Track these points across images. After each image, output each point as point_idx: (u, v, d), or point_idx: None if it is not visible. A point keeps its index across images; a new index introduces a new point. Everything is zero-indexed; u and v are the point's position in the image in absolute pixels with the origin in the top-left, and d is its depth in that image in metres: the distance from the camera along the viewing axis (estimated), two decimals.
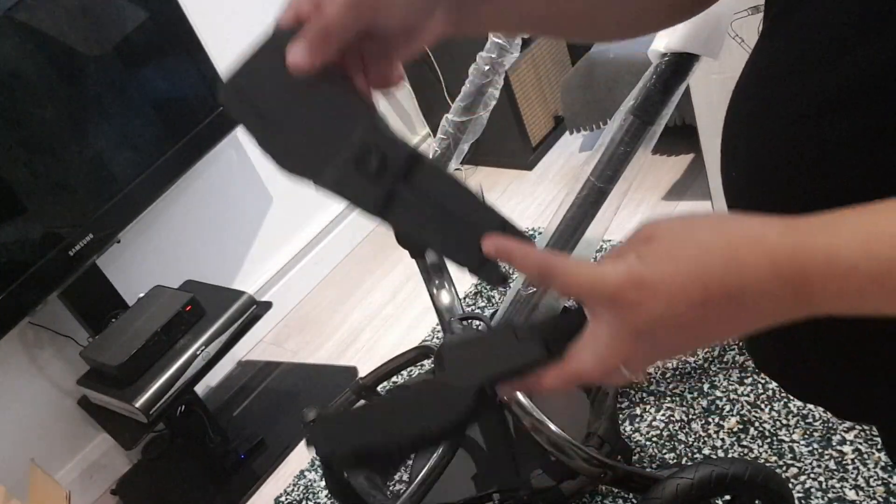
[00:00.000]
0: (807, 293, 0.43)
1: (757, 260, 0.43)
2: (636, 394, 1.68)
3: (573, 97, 2.27)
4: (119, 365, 1.75)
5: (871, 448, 1.39)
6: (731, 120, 0.57)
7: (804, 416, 1.49)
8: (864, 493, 1.33)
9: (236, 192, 2.34)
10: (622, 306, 0.46)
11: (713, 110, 1.77)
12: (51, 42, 1.75)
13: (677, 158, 2.31)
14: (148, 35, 1.90)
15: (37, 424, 1.99)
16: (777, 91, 0.52)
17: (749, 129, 0.55)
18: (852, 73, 0.46)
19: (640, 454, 1.56)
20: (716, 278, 0.44)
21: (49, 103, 1.76)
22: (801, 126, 0.50)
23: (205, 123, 1.99)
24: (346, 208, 2.59)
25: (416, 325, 2.20)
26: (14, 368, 1.94)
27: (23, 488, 1.77)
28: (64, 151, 1.78)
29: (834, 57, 0.47)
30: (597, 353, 0.49)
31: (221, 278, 2.30)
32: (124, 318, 1.89)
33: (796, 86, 0.50)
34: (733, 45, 1.55)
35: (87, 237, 1.79)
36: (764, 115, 0.53)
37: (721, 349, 1.68)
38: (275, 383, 2.23)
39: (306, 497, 1.83)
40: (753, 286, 0.43)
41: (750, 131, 0.55)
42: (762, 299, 0.44)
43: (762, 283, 0.43)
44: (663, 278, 0.45)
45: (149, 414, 1.73)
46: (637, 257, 0.46)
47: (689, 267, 0.45)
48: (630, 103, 1.23)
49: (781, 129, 0.51)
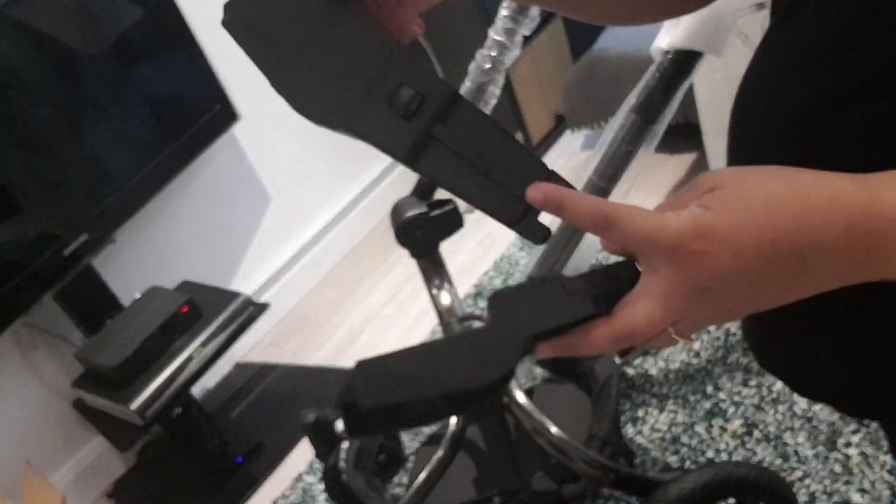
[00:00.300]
0: (879, 254, 0.41)
1: (831, 216, 0.41)
2: (638, 395, 1.67)
3: (574, 95, 2.26)
4: (114, 367, 1.73)
5: (877, 451, 1.37)
6: (737, 118, 0.56)
7: (809, 419, 1.47)
8: (870, 496, 1.32)
9: (233, 192, 2.33)
10: (685, 258, 0.43)
11: (716, 109, 1.76)
12: (46, 40, 1.74)
13: (680, 157, 2.29)
14: (144, 33, 1.89)
15: (31, 427, 1.97)
16: (782, 88, 0.51)
17: (754, 127, 0.54)
18: (858, 70, 0.46)
19: (643, 457, 1.55)
20: (786, 232, 0.41)
21: (44, 102, 1.75)
22: (807, 123, 0.49)
23: (201, 122, 1.98)
24: (345, 208, 2.59)
25: (416, 326, 2.19)
26: (8, 370, 1.93)
27: (17, 491, 1.76)
28: (59, 150, 1.77)
29: (839, 53, 0.47)
30: (649, 310, 0.45)
31: (218, 279, 2.28)
32: (120, 320, 1.88)
33: (802, 82, 0.49)
34: (737, 42, 1.54)
35: (82, 237, 1.78)
36: (769, 113, 0.52)
37: (724, 351, 1.67)
38: (273, 385, 2.22)
39: (304, 500, 1.81)
40: (825, 243, 0.41)
41: (755, 129, 0.54)
42: (831, 260, 0.41)
43: (835, 241, 0.41)
44: (733, 227, 0.42)
45: (144, 416, 1.72)
46: (701, 206, 0.43)
47: (759, 217, 0.42)
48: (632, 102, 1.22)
49: (787, 127, 0.51)
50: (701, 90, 1.75)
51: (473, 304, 2.15)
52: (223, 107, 2.02)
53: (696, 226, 0.42)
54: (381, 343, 2.19)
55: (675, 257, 0.43)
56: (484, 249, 2.34)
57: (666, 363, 1.70)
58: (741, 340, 1.67)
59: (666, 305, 0.45)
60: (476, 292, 2.18)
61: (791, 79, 0.50)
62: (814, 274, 0.42)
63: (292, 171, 2.47)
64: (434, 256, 1.51)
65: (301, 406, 1.84)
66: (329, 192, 2.59)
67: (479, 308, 2.13)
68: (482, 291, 2.18)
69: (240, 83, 2.07)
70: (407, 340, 2.15)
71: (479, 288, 2.19)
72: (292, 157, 2.45)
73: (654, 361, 1.72)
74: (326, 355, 2.25)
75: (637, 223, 0.44)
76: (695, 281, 0.43)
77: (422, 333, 2.14)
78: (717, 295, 0.44)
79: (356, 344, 2.23)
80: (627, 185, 1.34)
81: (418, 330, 2.17)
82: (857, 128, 0.46)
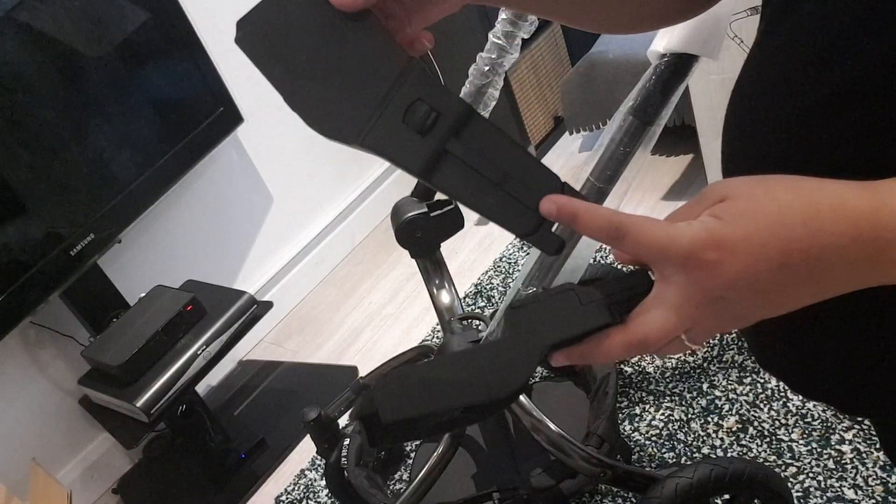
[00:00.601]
0: (884, 262, 0.42)
1: (839, 225, 0.42)
2: (635, 393, 1.69)
3: (573, 98, 2.28)
4: (120, 365, 1.75)
5: (870, 447, 1.39)
6: (731, 120, 0.57)
7: (803, 416, 1.49)
8: (863, 492, 1.34)
9: (237, 193, 2.35)
10: (697, 267, 0.43)
11: (712, 111, 1.78)
12: (52, 43, 1.75)
13: (676, 159, 2.32)
14: (149, 35, 1.90)
15: (38, 424, 1.99)
16: (776, 91, 0.51)
17: (749, 130, 0.55)
18: (850, 72, 0.46)
19: (640, 453, 1.56)
20: (796, 239, 0.42)
21: (50, 104, 1.76)
22: (801, 125, 0.50)
23: (206, 124, 2.00)
24: (346, 209, 2.61)
25: (416, 325, 2.21)
26: (15, 368, 1.94)
27: (24, 488, 1.77)
28: (65, 152, 1.78)
29: (831, 56, 0.47)
30: (663, 318, 0.46)
31: (222, 278, 2.30)
32: (125, 318, 1.89)
33: (795, 85, 0.50)
34: (732, 45, 1.56)
35: (88, 237, 1.80)
36: (763, 115, 0.53)
37: (720, 349, 1.69)
38: (275, 383, 2.23)
39: (307, 496, 1.83)
40: (833, 251, 0.42)
41: (750, 131, 0.54)
42: (839, 267, 0.42)
43: (842, 249, 0.42)
44: (745, 237, 0.43)
45: (150, 413, 1.73)
46: (712, 216, 0.44)
47: (769, 226, 0.42)
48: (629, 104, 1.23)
49: (781, 129, 0.51)
50: (697, 93, 1.77)
51: (473, 303, 2.17)
52: (227, 109, 2.04)
53: (709, 236, 0.43)
54: (382, 342, 2.21)
55: (688, 267, 0.44)
56: (483, 249, 2.36)
57: (662, 361, 1.72)
58: (736, 339, 1.69)
59: (679, 314, 0.46)
60: (476, 292, 2.20)
61: (783, 82, 0.51)
62: (822, 280, 0.43)
63: (295, 172, 2.48)
64: (434, 256, 1.52)
65: (303, 403, 1.86)
66: (331, 192, 2.60)
67: (478, 307, 2.15)
68: (482, 291, 2.20)
69: (244, 86, 2.09)
70: (407, 339, 2.17)
71: (479, 287, 2.21)
72: (295, 159, 2.47)
73: (651, 359, 1.74)
74: (328, 354, 2.26)
75: (650, 233, 0.45)
76: (708, 290, 0.44)
77: (422, 333, 2.16)
78: (728, 303, 0.44)
79: (357, 343, 2.25)
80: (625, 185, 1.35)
81: (419, 329, 2.19)
82: (857, 130, 0.47)
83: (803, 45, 0.50)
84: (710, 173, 1.89)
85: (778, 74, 0.51)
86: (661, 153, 2.35)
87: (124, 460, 2.15)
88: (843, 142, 0.48)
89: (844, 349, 0.54)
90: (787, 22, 0.51)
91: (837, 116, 0.47)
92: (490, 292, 2.18)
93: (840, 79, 0.47)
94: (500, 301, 2.12)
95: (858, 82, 0.46)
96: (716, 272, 0.43)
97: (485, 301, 2.16)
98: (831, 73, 0.47)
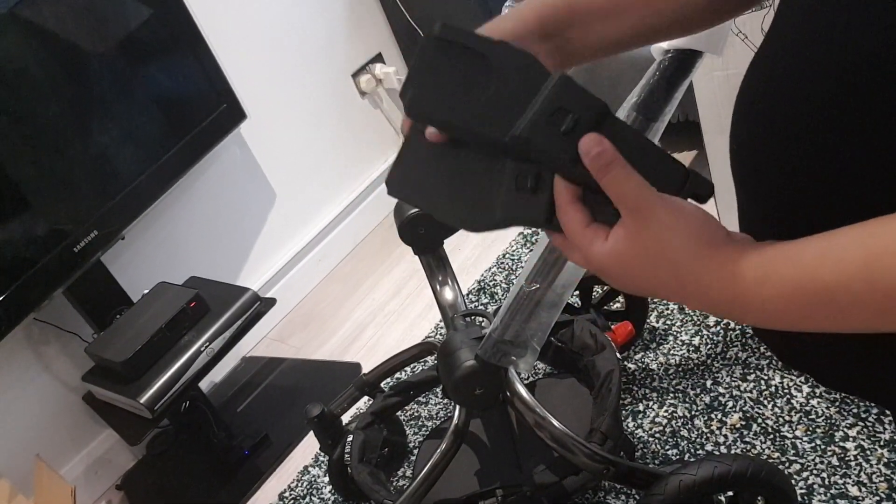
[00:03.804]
0: (741, 310, 0.48)
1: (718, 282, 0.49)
2: (639, 390, 1.69)
3: None
4: (124, 361, 1.75)
5: (874, 444, 1.39)
6: (739, 116, 0.57)
7: (807, 413, 1.49)
8: (867, 489, 1.34)
9: (240, 189, 2.35)
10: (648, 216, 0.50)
11: (716, 107, 1.77)
12: (55, 39, 1.76)
13: (680, 155, 2.31)
14: (152, 32, 1.90)
15: (42, 420, 2.00)
16: (784, 86, 0.52)
17: (756, 125, 0.55)
18: (857, 64, 0.46)
19: (643, 450, 1.56)
20: (684, 265, 0.49)
21: (54, 100, 1.76)
22: (809, 120, 0.50)
23: (209, 120, 2.00)
24: (349, 205, 2.61)
25: (420, 322, 2.21)
26: (19, 364, 1.95)
27: (28, 484, 1.78)
28: (68, 149, 1.79)
29: (839, 48, 0.47)
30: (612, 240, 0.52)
31: (225, 275, 2.30)
32: (129, 315, 1.90)
33: (803, 79, 0.50)
34: (737, 41, 1.55)
35: (91, 234, 1.80)
36: (771, 110, 0.53)
37: (724, 345, 1.69)
38: (279, 379, 2.24)
39: (310, 492, 1.83)
40: (703, 291, 0.49)
41: (757, 127, 0.55)
42: (702, 299, 0.50)
43: (712, 292, 0.49)
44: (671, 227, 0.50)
45: (153, 410, 1.73)
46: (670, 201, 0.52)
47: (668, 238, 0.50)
48: (633, 100, 1.23)
49: (788, 124, 0.51)
50: (701, 89, 1.77)
51: (476, 300, 2.17)
52: (231, 106, 2.04)
53: (665, 203, 0.50)
54: (385, 339, 2.21)
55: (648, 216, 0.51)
56: (487, 246, 2.36)
57: (666, 358, 1.72)
58: (740, 335, 1.69)
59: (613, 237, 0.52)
60: (479, 288, 2.20)
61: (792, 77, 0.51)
62: (679, 295, 0.50)
63: (298, 169, 2.49)
64: (437, 253, 1.52)
65: (306, 400, 1.87)
66: (334, 189, 2.60)
67: (482, 304, 2.15)
68: (485, 288, 2.20)
69: (247, 82, 2.09)
70: (411, 336, 2.17)
71: (482, 284, 2.21)
72: (298, 156, 2.47)
73: (655, 356, 1.74)
74: (331, 351, 2.27)
75: (636, 176, 0.52)
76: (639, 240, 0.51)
77: (425, 330, 2.16)
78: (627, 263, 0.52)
79: (360, 340, 2.26)
80: None
81: (422, 326, 2.19)
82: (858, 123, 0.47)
83: (813, 37, 0.49)
84: (714, 169, 1.88)
85: (786, 68, 0.51)
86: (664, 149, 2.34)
87: (128, 456, 2.16)
88: (852, 133, 0.48)
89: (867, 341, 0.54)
90: (798, 13, 0.51)
91: (846, 107, 0.47)
92: (493, 289, 2.18)
93: (848, 69, 0.47)
94: (503, 298, 2.12)
95: (867, 71, 0.46)
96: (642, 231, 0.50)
97: (488, 298, 2.16)
98: (839, 63, 0.47)
